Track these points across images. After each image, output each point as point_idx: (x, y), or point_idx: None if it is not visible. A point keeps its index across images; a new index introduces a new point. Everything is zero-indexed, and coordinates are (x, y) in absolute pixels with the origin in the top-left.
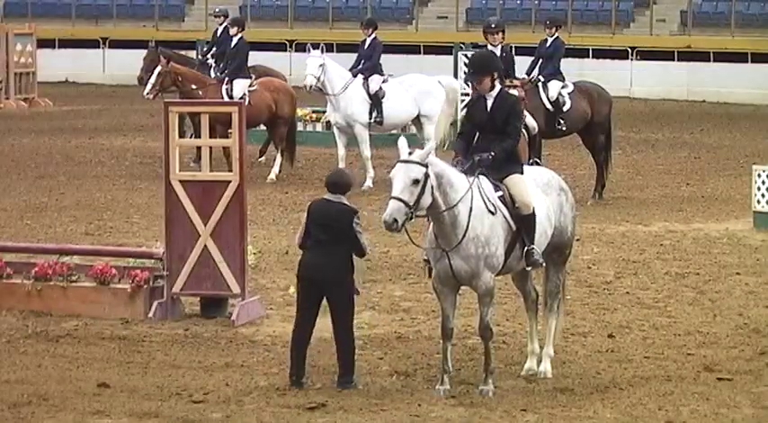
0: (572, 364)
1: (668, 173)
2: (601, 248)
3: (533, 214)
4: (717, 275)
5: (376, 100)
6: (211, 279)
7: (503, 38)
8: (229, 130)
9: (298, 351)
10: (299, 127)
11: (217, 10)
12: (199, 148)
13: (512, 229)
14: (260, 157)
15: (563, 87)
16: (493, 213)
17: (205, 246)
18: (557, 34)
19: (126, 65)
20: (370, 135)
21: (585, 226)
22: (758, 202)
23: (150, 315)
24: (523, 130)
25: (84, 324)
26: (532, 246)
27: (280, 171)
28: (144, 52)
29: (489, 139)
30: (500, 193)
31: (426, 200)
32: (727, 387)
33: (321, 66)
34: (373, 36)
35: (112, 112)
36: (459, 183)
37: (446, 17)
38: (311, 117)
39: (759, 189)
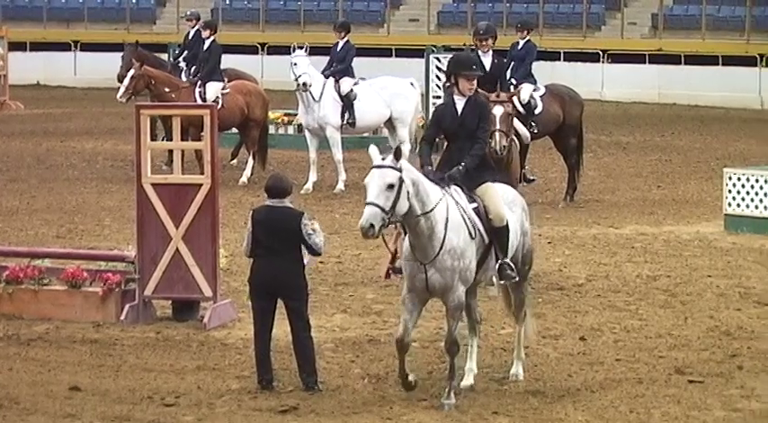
0: (543, 367)
1: (639, 176)
2: (572, 251)
3: (507, 227)
4: (688, 278)
5: (348, 102)
6: (183, 282)
7: (493, 44)
8: (202, 133)
9: (263, 357)
10: (271, 130)
11: (188, 13)
12: (171, 151)
13: (484, 242)
14: (232, 159)
15: (535, 90)
16: (473, 238)
17: (177, 249)
18: (528, 37)
19: (97, 68)
20: (341, 138)
21: (557, 229)
22: (729, 204)
23: (122, 318)
24: (515, 140)
25: (55, 327)
26: (506, 260)
27: (252, 174)
28: (116, 54)
29: (460, 146)
30: (475, 204)
31: (403, 206)
32: (699, 389)
33: (309, 65)
34: (346, 39)
35: (84, 115)
36: (434, 193)
37: (417, 20)
38: (283, 120)
39: (730, 192)
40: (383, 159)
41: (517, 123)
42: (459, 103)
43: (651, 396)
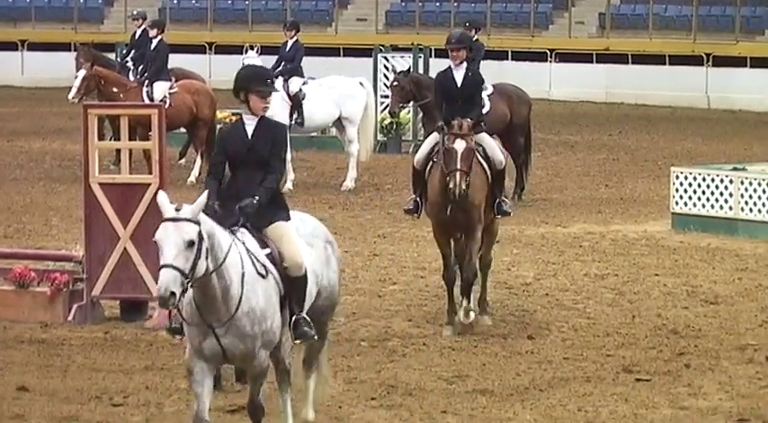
0: (492, 366)
1: (587, 175)
2: (520, 250)
3: (305, 277)
4: (635, 277)
5: (296, 101)
6: (131, 282)
7: (467, 55)
8: (150, 133)
9: None
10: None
11: (135, 12)
12: (118, 151)
13: (279, 293)
14: (180, 159)
15: (482, 89)
16: (263, 276)
17: (125, 248)
18: (476, 37)
19: (45, 67)
20: (290, 137)
21: (505, 228)
22: (676, 203)
23: (70, 318)
24: (486, 166)
25: (2, 327)
26: (302, 314)
27: (199, 173)
28: (64, 54)
29: (249, 176)
30: (267, 250)
31: (201, 266)
32: (646, 388)
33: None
34: (295, 38)
35: (31, 114)
36: (225, 241)
37: (365, 20)
38: (231, 119)
39: (677, 190)
40: (177, 211)
41: (492, 146)
42: (250, 125)
43: (599, 394)
